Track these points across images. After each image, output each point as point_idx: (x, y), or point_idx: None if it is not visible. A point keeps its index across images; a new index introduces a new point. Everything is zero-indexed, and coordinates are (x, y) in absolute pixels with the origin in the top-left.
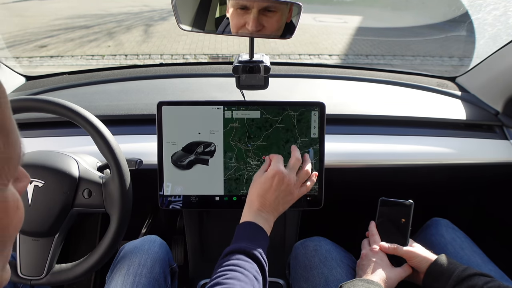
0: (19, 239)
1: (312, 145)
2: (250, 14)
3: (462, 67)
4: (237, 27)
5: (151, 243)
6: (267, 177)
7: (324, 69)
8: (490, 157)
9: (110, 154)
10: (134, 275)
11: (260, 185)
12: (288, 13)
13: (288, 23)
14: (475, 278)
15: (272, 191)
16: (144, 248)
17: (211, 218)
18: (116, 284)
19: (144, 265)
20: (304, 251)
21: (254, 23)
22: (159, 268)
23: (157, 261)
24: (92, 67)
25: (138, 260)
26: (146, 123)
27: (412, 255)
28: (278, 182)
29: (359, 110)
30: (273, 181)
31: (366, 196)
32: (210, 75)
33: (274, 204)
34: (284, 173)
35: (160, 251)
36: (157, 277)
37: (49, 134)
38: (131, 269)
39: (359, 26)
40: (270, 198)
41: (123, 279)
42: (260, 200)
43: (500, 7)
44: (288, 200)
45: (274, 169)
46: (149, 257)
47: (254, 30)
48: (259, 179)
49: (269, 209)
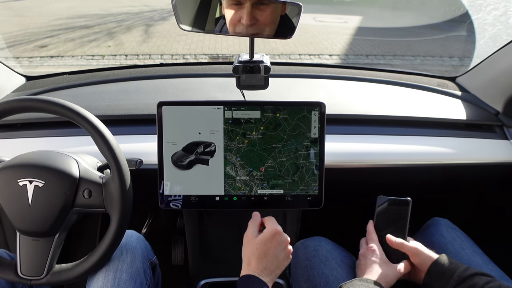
0: (19, 239)
1: (312, 145)
2: (244, 9)
3: (462, 67)
4: (233, 23)
5: (128, 237)
6: (267, 238)
7: (324, 69)
8: (490, 157)
9: (110, 154)
10: (115, 271)
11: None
12: (283, 5)
13: (283, 17)
14: (476, 278)
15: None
16: (122, 243)
17: (211, 218)
18: (97, 281)
19: (124, 260)
20: (304, 251)
21: (248, 17)
22: (139, 263)
23: (136, 255)
24: (92, 67)
25: (117, 256)
26: (146, 123)
27: (417, 252)
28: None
29: (359, 110)
30: (273, 241)
31: (366, 196)
32: (210, 75)
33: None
34: (283, 233)
35: (138, 245)
36: (138, 271)
37: (49, 134)
38: (111, 265)
39: (359, 26)
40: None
41: (104, 275)
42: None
43: (500, 7)
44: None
45: (272, 228)
46: (128, 252)
47: (248, 24)
48: (255, 240)
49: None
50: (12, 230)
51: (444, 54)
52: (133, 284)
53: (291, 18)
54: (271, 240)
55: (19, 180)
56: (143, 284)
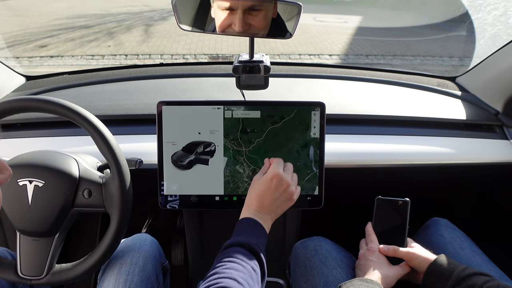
0: (19, 239)
1: (312, 145)
2: (235, 15)
3: (462, 67)
4: (223, 27)
5: (142, 241)
6: (266, 179)
7: (324, 69)
8: (490, 157)
9: (110, 154)
10: (127, 274)
11: (258, 187)
12: (274, 8)
13: (275, 19)
14: (475, 278)
15: (270, 193)
16: (135, 246)
17: (211, 218)
18: (108, 284)
19: (136, 263)
20: (304, 251)
21: (240, 24)
22: (151, 266)
23: (148, 259)
24: (92, 67)
25: (130, 258)
26: (146, 123)
27: (412, 256)
28: (277, 184)
29: (359, 110)
30: (272, 183)
31: (366, 196)
32: (210, 75)
33: (272, 206)
34: (283, 175)
35: (151, 249)
36: (150, 275)
37: (49, 134)
38: (123, 268)
39: (359, 26)
40: (268, 200)
41: (116, 278)
42: (258, 202)
43: (500, 7)
44: (287, 203)
45: (273, 171)
46: (141, 255)
47: (241, 30)
48: (258, 181)
49: (266, 211)
50: (12, 230)
51: (444, 54)
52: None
53: (291, 18)
54: (270, 182)
55: (19, 180)
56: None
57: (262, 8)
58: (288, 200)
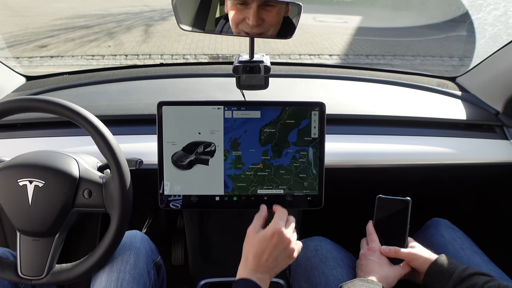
0: (19, 239)
1: (312, 145)
2: (249, 9)
3: (462, 67)
4: (236, 22)
5: (132, 238)
6: (266, 236)
7: (324, 69)
8: (490, 157)
9: (110, 154)
10: (118, 272)
11: (257, 244)
12: (286, 6)
13: (286, 18)
14: (475, 278)
15: (270, 251)
16: (126, 243)
17: (211, 218)
18: (100, 282)
19: (127, 261)
20: (304, 251)
21: (254, 18)
22: (142, 263)
23: (140, 256)
24: (92, 67)
25: (120, 256)
26: (146, 123)
27: (413, 257)
28: (277, 242)
29: (359, 110)
30: (272, 240)
31: (366, 195)
32: (210, 75)
33: (271, 264)
34: (284, 232)
35: (142, 246)
36: (141, 272)
37: (49, 134)
38: (114, 266)
39: (359, 26)
40: (268, 259)
41: (107, 276)
42: (257, 260)
43: (500, 7)
44: (286, 261)
45: (274, 227)
46: (132, 252)
47: (255, 24)
48: (255, 237)
49: (265, 270)
50: (12, 230)
51: (444, 54)
52: (136, 285)
53: (291, 18)
54: (269, 240)
55: (19, 180)
56: (147, 285)
57: (275, 4)
58: (288, 258)
